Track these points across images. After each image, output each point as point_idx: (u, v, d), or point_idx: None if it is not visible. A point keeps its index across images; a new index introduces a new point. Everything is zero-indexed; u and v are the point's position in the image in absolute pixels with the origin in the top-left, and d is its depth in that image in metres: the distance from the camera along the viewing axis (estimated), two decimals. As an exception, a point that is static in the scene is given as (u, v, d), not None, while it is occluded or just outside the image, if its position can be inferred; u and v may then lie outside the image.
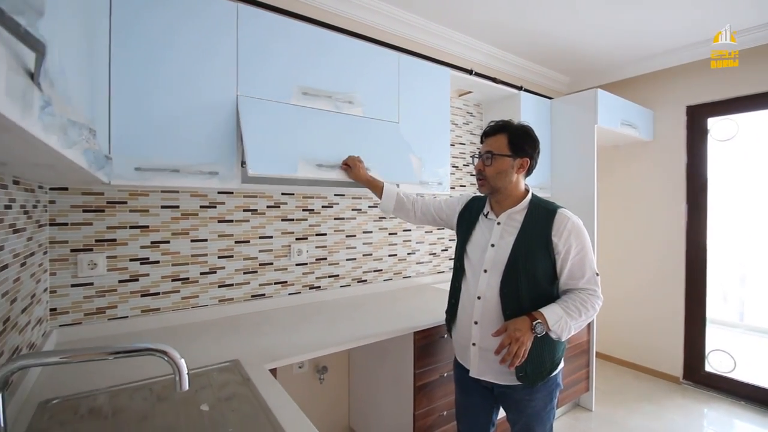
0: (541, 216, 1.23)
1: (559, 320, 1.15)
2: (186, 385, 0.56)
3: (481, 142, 1.33)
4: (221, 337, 1.47)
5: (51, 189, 1.41)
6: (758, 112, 2.59)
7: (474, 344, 1.29)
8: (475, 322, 1.28)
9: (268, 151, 1.42)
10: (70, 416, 0.93)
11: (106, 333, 1.49)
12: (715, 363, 2.79)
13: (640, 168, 3.10)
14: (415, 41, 2.37)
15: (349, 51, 1.73)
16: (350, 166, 1.59)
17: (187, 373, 0.57)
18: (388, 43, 2.09)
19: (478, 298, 1.27)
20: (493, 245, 1.27)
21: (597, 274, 1.23)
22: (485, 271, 1.27)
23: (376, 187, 1.61)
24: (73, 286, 1.45)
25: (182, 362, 0.56)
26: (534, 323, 1.15)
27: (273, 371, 1.23)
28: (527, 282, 1.21)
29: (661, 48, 2.77)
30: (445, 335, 1.69)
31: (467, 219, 1.41)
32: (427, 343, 1.65)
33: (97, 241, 1.49)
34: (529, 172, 1.31)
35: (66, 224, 1.43)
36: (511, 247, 1.23)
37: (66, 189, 1.43)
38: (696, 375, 2.83)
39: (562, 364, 1.31)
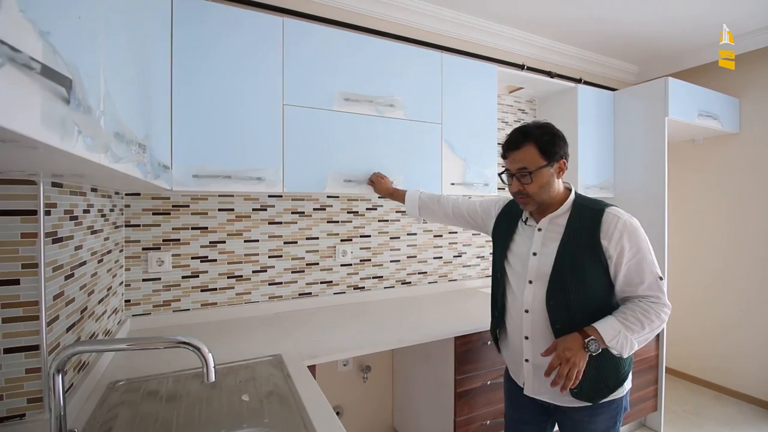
0: (587, 217, 1.11)
1: (617, 335, 1.02)
2: (212, 377, 0.62)
3: (504, 156, 1.17)
4: (268, 332, 1.56)
5: (126, 195, 1.59)
6: None
7: (527, 360, 1.19)
8: (526, 337, 1.18)
9: (301, 168, 1.56)
10: (132, 396, 1.05)
11: (171, 323, 1.65)
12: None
13: (722, 164, 2.75)
14: (460, 39, 2.32)
15: (389, 54, 1.75)
16: (374, 181, 1.66)
17: (214, 367, 0.62)
18: (430, 42, 2.08)
19: (526, 311, 1.17)
20: (535, 254, 1.16)
21: (661, 278, 1.08)
22: (530, 282, 1.17)
23: (400, 196, 1.64)
24: (144, 280, 1.63)
25: (210, 356, 0.61)
26: (587, 341, 1.03)
27: (312, 368, 1.28)
28: (577, 292, 1.09)
29: (748, 26, 2.43)
30: (489, 342, 1.64)
31: (506, 225, 1.30)
32: (468, 349, 1.61)
33: (164, 240, 1.66)
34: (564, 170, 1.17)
35: (138, 225, 1.61)
36: (555, 255, 1.12)
37: (138, 195, 1.61)
38: None
39: (629, 384, 1.16)
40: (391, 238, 2.16)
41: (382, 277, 2.13)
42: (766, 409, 2.51)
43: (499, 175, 1.23)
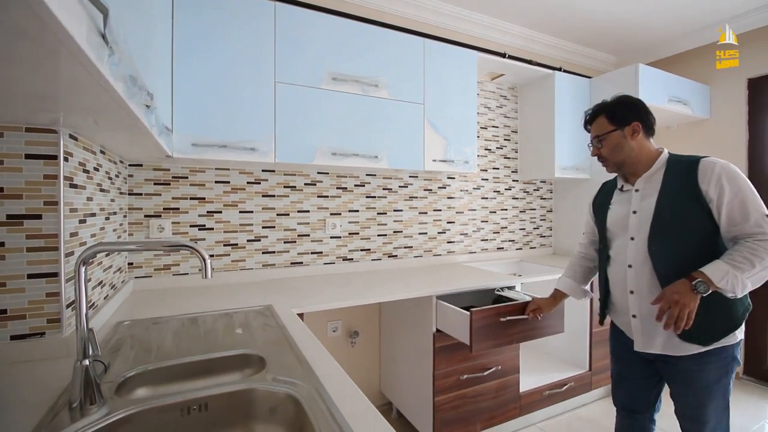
0: (683, 169, 1.17)
1: (726, 275, 1.04)
2: (209, 274, 0.75)
3: (587, 130, 1.36)
4: (261, 293, 1.69)
5: (130, 165, 1.72)
6: (834, 80, 2.33)
7: (634, 316, 1.25)
8: (631, 292, 1.24)
9: (292, 141, 1.69)
10: (138, 330, 1.18)
11: (171, 286, 1.78)
12: (783, 359, 2.55)
13: (694, 148, 2.90)
14: (444, 27, 2.46)
15: (374, 39, 1.88)
16: (535, 312, 1.61)
17: (212, 269, 0.75)
18: (415, 30, 2.21)
19: (629, 266, 1.23)
20: (635, 212, 1.24)
21: (766, 215, 1.08)
22: (632, 239, 1.23)
23: (559, 295, 1.57)
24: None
25: (207, 255, 0.75)
26: (694, 283, 1.06)
27: (301, 315, 1.41)
28: (678, 238, 1.14)
29: (717, 17, 2.58)
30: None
31: (600, 202, 1.42)
32: (446, 308, 1.75)
33: (164, 209, 1.79)
34: (650, 132, 1.27)
35: (141, 194, 1.74)
36: (654, 205, 1.19)
37: (141, 165, 1.74)
38: (759, 370, 2.60)
39: (741, 334, 1.16)
40: (378, 213, 2.30)
41: (369, 249, 2.27)
42: (735, 378, 2.66)
43: (588, 145, 1.39)
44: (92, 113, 0.83)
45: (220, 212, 1.90)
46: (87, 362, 0.72)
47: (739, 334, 1.16)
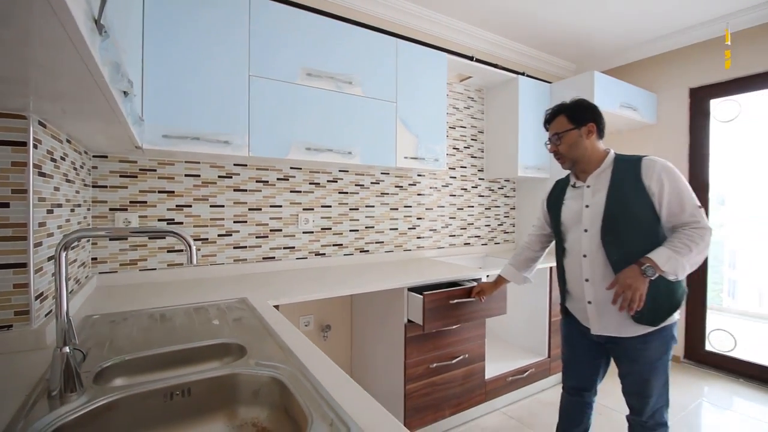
0: (629, 167, 1.31)
1: (669, 259, 1.18)
2: (195, 260, 0.76)
3: (546, 129, 1.49)
4: (234, 287, 1.68)
5: (94, 156, 1.66)
6: (760, 92, 2.62)
7: (590, 302, 1.36)
8: (586, 280, 1.36)
9: (266, 135, 1.69)
10: (109, 323, 1.15)
11: (137, 281, 1.74)
12: (715, 342, 2.83)
13: (642, 151, 3.15)
14: (417, 29, 2.54)
15: (348, 37, 1.92)
16: (479, 294, 1.79)
17: (197, 250, 0.77)
18: (388, 31, 2.26)
19: (584, 256, 1.36)
20: (587, 206, 1.37)
21: (699, 207, 1.23)
22: (585, 231, 1.36)
23: (503, 282, 1.76)
24: (111, 239, 1.70)
25: (192, 241, 0.76)
26: (643, 267, 1.19)
27: (276, 308, 1.42)
28: (627, 229, 1.26)
29: (663, 31, 2.82)
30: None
31: (554, 199, 1.53)
32: (417, 299, 1.82)
33: (131, 202, 1.74)
34: (601, 134, 1.41)
35: (105, 186, 1.69)
36: (605, 199, 1.32)
37: (106, 156, 1.68)
38: (697, 354, 2.87)
39: (678, 316, 1.32)
40: (350, 209, 2.33)
41: (341, 244, 2.30)
42: (677, 362, 2.92)
43: (545, 143, 1.50)
44: (65, 100, 0.82)
45: (190, 206, 1.87)
46: (67, 349, 0.72)
47: (677, 315, 1.32)
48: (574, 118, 1.39)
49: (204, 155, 1.67)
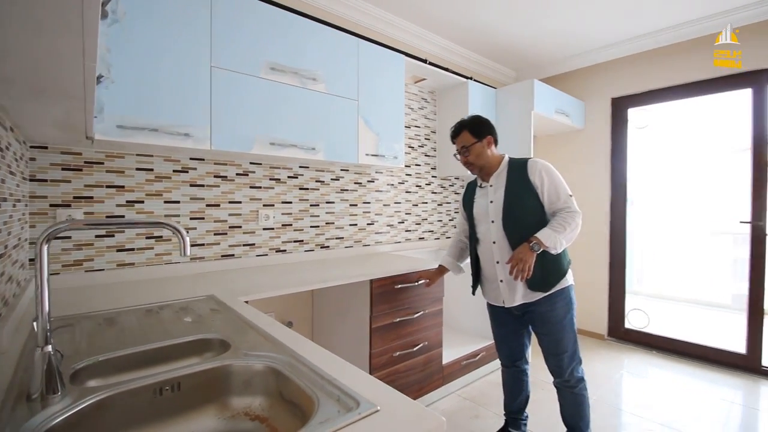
0: (520, 167, 1.62)
1: (550, 236, 1.49)
2: (188, 251, 0.75)
3: (453, 143, 1.73)
4: (195, 286, 1.62)
5: (32, 147, 1.51)
6: (666, 104, 3.05)
7: (501, 281, 1.65)
8: (497, 262, 1.64)
9: (229, 128, 1.66)
10: (67, 326, 1.08)
11: (83, 283, 1.61)
12: (633, 321, 3.24)
13: (572, 153, 3.51)
14: (375, 30, 2.60)
15: (312, 34, 1.93)
16: (428, 280, 2.00)
17: (190, 245, 0.76)
18: (350, 30, 2.30)
19: (494, 242, 1.63)
20: (492, 201, 1.65)
21: (570, 195, 1.57)
22: (492, 221, 1.64)
23: (444, 270, 1.96)
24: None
25: (185, 232, 0.75)
26: (531, 244, 1.49)
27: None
28: (522, 216, 1.57)
29: (589, 46, 3.17)
30: (399, 285, 1.93)
31: (468, 198, 1.79)
32: (381, 291, 1.89)
33: (75, 197, 1.60)
34: (496, 143, 1.70)
35: (45, 180, 1.54)
36: (503, 195, 1.61)
37: (46, 147, 1.54)
38: (618, 331, 3.27)
39: (571, 281, 1.63)
40: (311, 205, 2.34)
41: (302, 240, 2.30)
42: (601, 339, 3.30)
43: (454, 155, 1.76)
44: (22, 82, 0.76)
45: (142, 202, 1.76)
46: (50, 349, 0.68)
47: (570, 279, 1.63)
48: (476, 132, 1.66)
49: (159, 147, 1.58)
